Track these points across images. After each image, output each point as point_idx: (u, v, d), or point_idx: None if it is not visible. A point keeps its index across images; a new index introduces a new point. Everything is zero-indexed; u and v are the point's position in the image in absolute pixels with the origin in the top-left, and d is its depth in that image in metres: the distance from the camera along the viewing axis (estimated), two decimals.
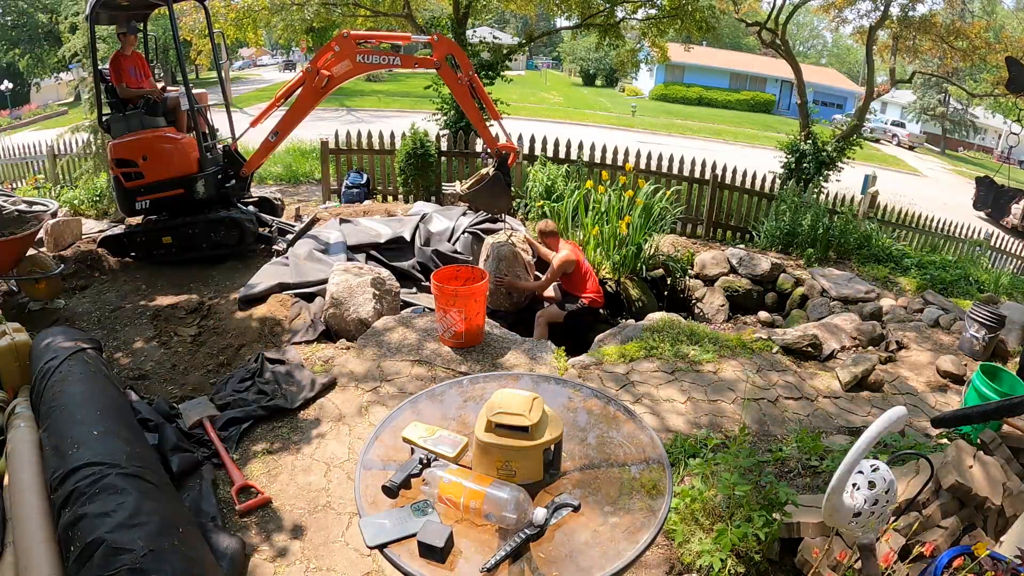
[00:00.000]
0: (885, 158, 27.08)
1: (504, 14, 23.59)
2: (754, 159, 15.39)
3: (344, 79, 5.37)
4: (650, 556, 2.48)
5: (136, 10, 5.81)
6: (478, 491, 1.53)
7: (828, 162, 10.33)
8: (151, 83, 5.78)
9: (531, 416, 1.60)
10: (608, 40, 10.57)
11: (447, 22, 10.20)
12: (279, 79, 33.76)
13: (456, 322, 3.94)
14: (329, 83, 5.30)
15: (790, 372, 4.20)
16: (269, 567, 2.46)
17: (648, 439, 1.87)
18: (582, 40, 35.60)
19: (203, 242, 5.63)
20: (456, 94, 5.36)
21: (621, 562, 1.45)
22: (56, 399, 2.71)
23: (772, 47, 11.41)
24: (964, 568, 1.90)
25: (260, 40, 11.76)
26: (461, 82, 5.23)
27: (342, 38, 5.18)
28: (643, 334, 4.46)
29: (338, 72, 5.26)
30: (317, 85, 5.28)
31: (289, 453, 3.11)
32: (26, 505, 2.27)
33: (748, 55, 41.94)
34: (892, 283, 6.43)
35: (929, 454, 2.54)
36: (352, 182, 8.37)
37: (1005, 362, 4.63)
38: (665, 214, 6.87)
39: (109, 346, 4.32)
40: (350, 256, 5.44)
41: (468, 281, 4.15)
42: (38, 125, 22.23)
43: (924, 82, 30.65)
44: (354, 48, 5.16)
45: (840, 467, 1.74)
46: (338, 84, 5.43)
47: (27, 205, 5.07)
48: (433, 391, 2.17)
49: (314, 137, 11.15)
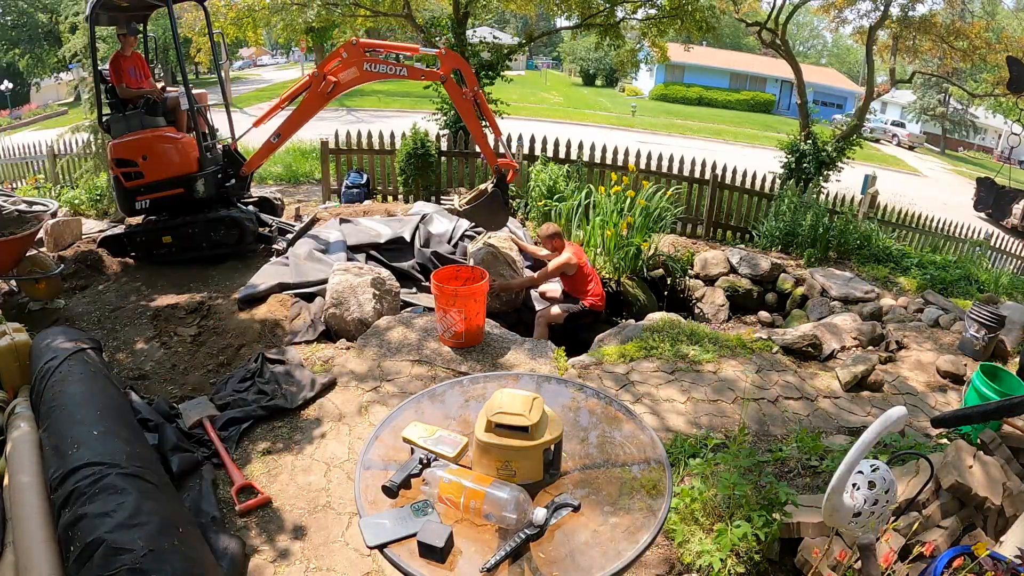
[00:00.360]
0: (885, 158, 27.08)
1: (504, 14, 23.59)
2: (754, 159, 15.39)
3: (350, 86, 5.38)
4: (650, 556, 2.48)
5: (136, 11, 5.81)
6: (478, 491, 1.53)
7: (828, 162, 10.32)
8: (151, 83, 5.78)
9: (531, 416, 1.60)
10: (608, 40, 10.55)
11: (447, 22, 10.19)
12: (279, 79, 33.76)
13: (456, 322, 3.94)
14: (335, 89, 5.31)
15: (790, 372, 4.20)
16: (269, 567, 2.46)
17: (648, 439, 1.87)
18: (582, 40, 35.59)
19: (203, 242, 5.63)
20: (460, 109, 5.37)
21: (621, 562, 1.45)
22: (56, 399, 2.71)
23: (772, 47, 11.40)
24: (964, 568, 1.90)
25: (260, 40, 11.75)
26: (466, 96, 5.25)
27: (351, 45, 5.18)
28: (643, 334, 4.46)
29: (344, 79, 5.27)
30: (323, 90, 5.29)
31: (289, 453, 3.11)
32: (26, 505, 2.27)
33: (748, 55, 41.94)
34: (892, 283, 6.43)
35: (929, 454, 2.54)
36: (352, 182, 8.37)
37: (1005, 362, 4.63)
38: (665, 214, 6.87)
39: (109, 346, 4.32)
40: (350, 256, 5.44)
41: (468, 281, 4.15)
42: (38, 125, 22.22)
43: (924, 82, 30.65)
44: (362, 56, 5.17)
45: (840, 467, 1.74)
46: (344, 90, 5.44)
47: (27, 205, 5.07)
48: (434, 391, 2.17)
49: (314, 137, 11.14)
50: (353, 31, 11.87)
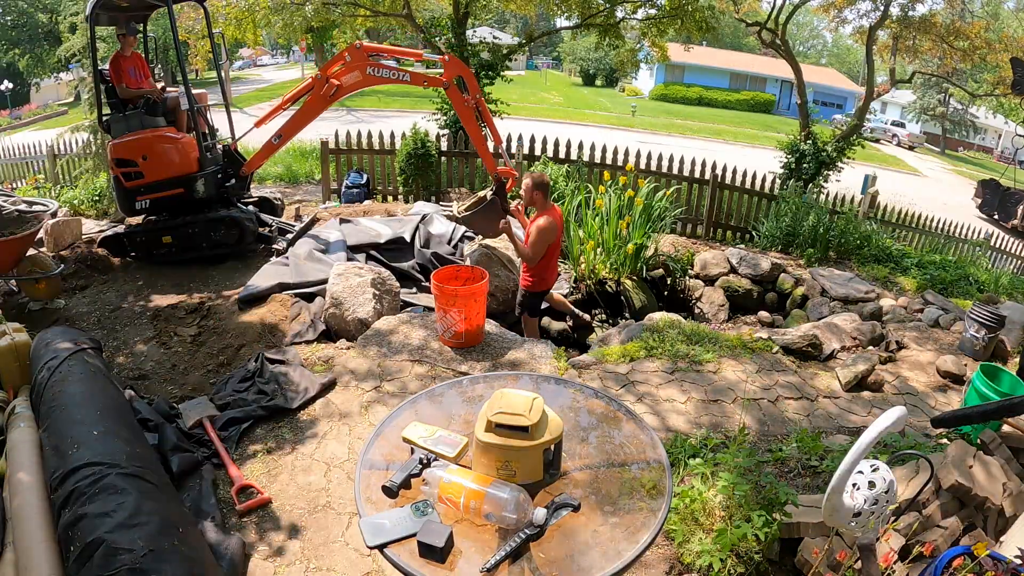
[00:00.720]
0: (885, 158, 27.08)
1: (504, 14, 23.58)
2: (754, 159, 15.39)
3: (352, 89, 5.39)
4: (650, 556, 2.48)
5: (136, 11, 5.81)
6: (478, 491, 1.53)
7: (828, 162, 10.32)
8: (151, 83, 5.79)
9: (531, 416, 1.60)
10: (608, 40, 10.55)
11: (447, 22, 10.19)
12: (279, 79, 33.75)
13: (456, 322, 3.94)
14: (337, 92, 5.31)
15: (790, 372, 4.20)
16: (269, 567, 2.46)
17: (648, 439, 1.87)
18: (582, 40, 35.59)
19: (203, 241, 5.63)
20: (461, 116, 5.38)
21: (621, 562, 1.45)
22: (56, 399, 2.71)
23: (772, 47, 11.40)
24: (964, 568, 1.90)
25: (260, 40, 11.75)
26: (468, 104, 5.25)
27: (354, 49, 5.19)
28: (643, 334, 4.46)
29: (347, 82, 5.27)
30: (326, 93, 5.29)
31: (289, 453, 3.11)
32: (26, 505, 2.27)
33: (748, 55, 41.92)
34: (892, 283, 6.43)
35: (929, 454, 2.54)
36: (352, 182, 8.37)
37: (1005, 362, 4.63)
38: (665, 214, 6.87)
39: (109, 346, 4.32)
40: (350, 256, 5.44)
41: (468, 281, 4.15)
42: (38, 125, 22.22)
43: (924, 82, 30.63)
44: (365, 60, 5.18)
45: (840, 467, 1.74)
46: (346, 94, 5.44)
47: (27, 205, 5.07)
48: (432, 391, 2.17)
49: (314, 137, 11.14)
50: (353, 31, 11.88)
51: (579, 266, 6.22)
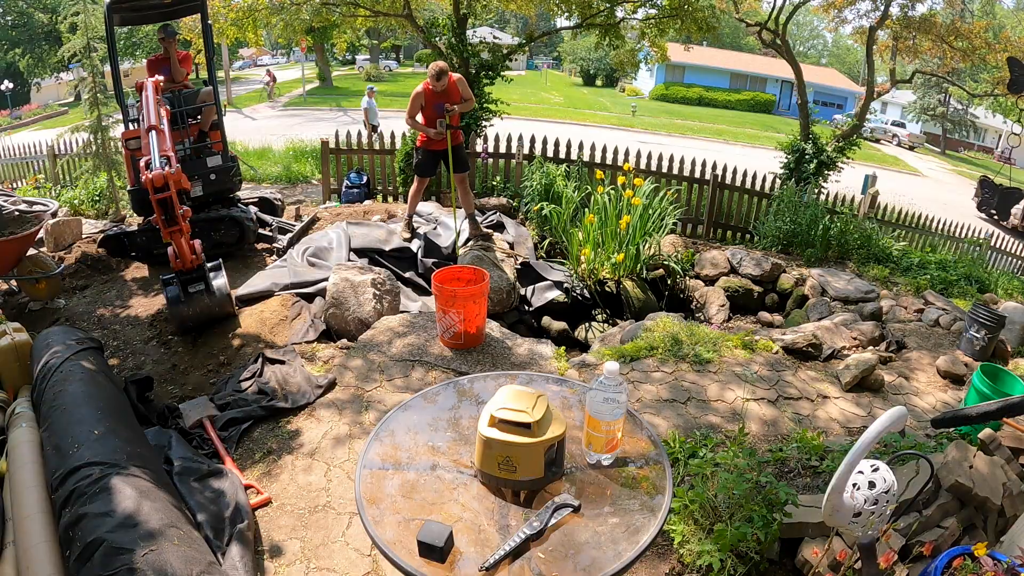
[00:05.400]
0: (885, 158, 27.08)
1: (504, 14, 23.59)
2: (754, 159, 15.38)
3: None
4: (650, 556, 2.48)
5: (151, 17, 5.96)
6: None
7: (828, 162, 10.31)
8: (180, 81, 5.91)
9: (534, 413, 1.60)
10: (608, 40, 10.55)
11: (447, 22, 10.18)
12: (279, 79, 33.66)
13: (456, 323, 3.94)
14: None
15: (790, 372, 4.20)
16: (269, 567, 2.46)
17: (648, 439, 1.87)
18: (582, 40, 35.56)
19: (203, 241, 5.62)
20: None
21: (621, 562, 1.45)
22: (57, 399, 2.71)
23: (772, 47, 11.39)
24: (964, 568, 1.90)
25: (260, 40, 11.74)
26: None
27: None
28: (643, 334, 4.46)
29: None
30: None
31: (289, 453, 3.11)
32: (27, 505, 2.27)
33: (748, 55, 41.93)
34: (892, 283, 6.43)
35: (929, 454, 2.54)
36: (352, 182, 8.37)
37: (1005, 362, 4.63)
38: (665, 214, 6.87)
39: (109, 346, 4.32)
40: (351, 257, 5.45)
41: (468, 283, 4.14)
42: (38, 125, 22.23)
43: (924, 82, 30.65)
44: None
45: (840, 467, 1.74)
46: None
47: (27, 205, 5.07)
48: (426, 393, 2.16)
49: (314, 137, 11.14)
50: (353, 31, 11.87)
51: (579, 266, 6.22)
